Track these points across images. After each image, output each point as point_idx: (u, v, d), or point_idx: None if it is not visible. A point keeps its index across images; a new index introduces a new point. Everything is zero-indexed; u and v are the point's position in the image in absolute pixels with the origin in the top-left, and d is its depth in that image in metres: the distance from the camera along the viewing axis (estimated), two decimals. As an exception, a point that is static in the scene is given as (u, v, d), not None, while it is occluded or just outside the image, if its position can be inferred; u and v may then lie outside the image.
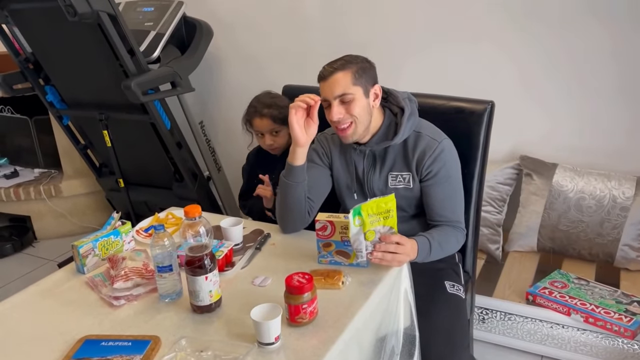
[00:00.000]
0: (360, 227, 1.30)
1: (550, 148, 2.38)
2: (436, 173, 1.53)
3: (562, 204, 2.24)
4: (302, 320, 1.15)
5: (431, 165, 1.53)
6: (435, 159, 1.53)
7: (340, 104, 1.47)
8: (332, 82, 1.46)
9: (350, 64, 1.47)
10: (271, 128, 1.94)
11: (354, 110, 1.47)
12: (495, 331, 2.08)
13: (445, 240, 1.51)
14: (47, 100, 2.67)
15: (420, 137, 1.56)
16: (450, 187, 1.56)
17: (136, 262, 1.36)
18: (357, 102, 1.48)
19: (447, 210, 1.56)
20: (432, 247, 1.46)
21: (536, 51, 2.31)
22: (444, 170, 1.54)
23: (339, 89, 1.46)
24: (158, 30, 2.59)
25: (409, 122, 1.55)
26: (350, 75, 1.46)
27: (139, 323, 1.21)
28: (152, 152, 2.65)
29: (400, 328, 1.38)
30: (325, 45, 2.71)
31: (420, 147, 1.54)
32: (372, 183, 1.59)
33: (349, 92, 1.46)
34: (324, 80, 1.48)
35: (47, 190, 3.14)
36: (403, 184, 1.57)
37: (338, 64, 1.47)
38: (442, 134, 1.58)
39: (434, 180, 1.54)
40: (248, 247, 1.51)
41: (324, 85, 1.48)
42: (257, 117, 1.94)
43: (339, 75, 1.46)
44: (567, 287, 2.04)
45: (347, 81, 1.46)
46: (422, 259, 1.44)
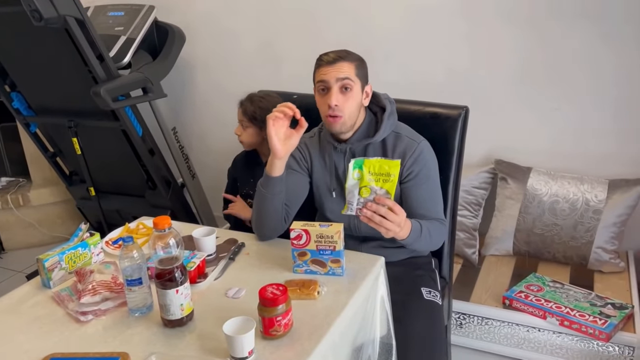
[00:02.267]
0: (357, 181, 1.32)
1: (525, 152, 2.40)
2: (417, 174, 1.53)
3: (536, 207, 2.25)
4: (277, 333, 1.12)
5: (412, 166, 1.53)
6: (415, 159, 1.53)
7: (340, 90, 1.48)
8: (338, 67, 1.47)
9: (352, 56, 1.50)
10: (240, 118, 2.00)
11: (350, 101, 1.49)
12: (472, 336, 2.08)
13: (434, 230, 1.51)
14: (13, 107, 2.59)
15: (399, 137, 1.57)
16: (430, 187, 1.56)
17: (105, 275, 1.31)
18: (354, 94, 1.50)
19: (429, 210, 1.55)
20: (422, 232, 1.45)
21: (510, 56, 2.33)
22: (425, 171, 1.54)
23: (343, 74, 1.47)
24: (129, 35, 2.54)
25: (389, 120, 1.56)
26: (354, 66, 1.49)
27: (108, 339, 1.17)
28: (123, 160, 2.59)
29: (376, 337, 1.36)
30: (298, 50, 2.69)
31: (399, 148, 1.55)
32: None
33: (352, 79, 1.48)
34: (328, 64, 1.48)
35: (15, 199, 3.05)
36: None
37: (343, 53, 1.49)
38: (420, 136, 1.59)
39: (415, 181, 1.54)
40: (221, 258, 1.47)
41: (326, 69, 1.48)
42: (239, 107, 2.01)
43: (345, 64, 1.48)
44: (542, 290, 2.05)
45: (351, 70, 1.48)
46: (411, 241, 1.43)
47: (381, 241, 1.61)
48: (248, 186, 2.03)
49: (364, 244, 1.63)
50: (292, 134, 1.47)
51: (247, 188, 2.04)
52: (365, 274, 1.36)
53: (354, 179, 1.33)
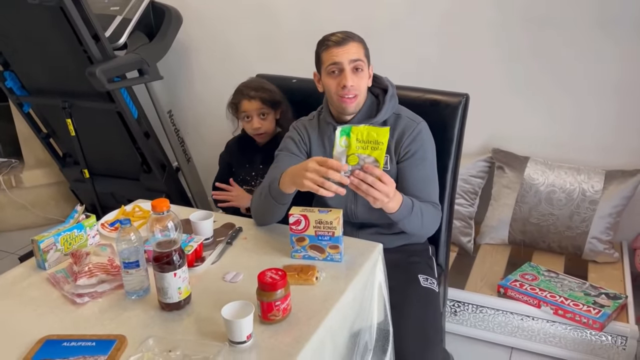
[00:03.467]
0: (345, 149, 1.28)
1: (522, 141, 2.39)
2: (413, 153, 1.53)
3: (533, 197, 2.25)
4: (275, 318, 1.12)
5: (409, 145, 1.53)
6: (413, 139, 1.53)
7: (352, 72, 1.48)
8: (349, 48, 1.47)
9: (358, 37, 1.51)
10: (260, 110, 1.89)
11: (363, 80, 1.50)
12: (466, 324, 2.09)
13: (426, 212, 1.49)
14: (6, 87, 2.55)
15: (399, 118, 1.57)
16: (425, 169, 1.55)
17: (101, 257, 1.30)
18: (365, 75, 1.51)
19: (423, 192, 1.54)
20: (413, 209, 1.43)
21: (510, 45, 2.32)
22: (421, 152, 1.54)
23: (355, 55, 1.47)
24: (124, 15, 2.50)
25: (391, 102, 1.56)
26: (362, 48, 1.50)
27: (104, 321, 1.15)
28: (118, 142, 2.56)
29: (373, 323, 1.36)
30: (297, 32, 2.66)
31: (399, 128, 1.55)
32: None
33: (363, 60, 1.49)
34: (337, 45, 1.47)
35: (7, 180, 3.01)
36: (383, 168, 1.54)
37: (349, 34, 1.49)
38: (419, 117, 1.59)
39: (410, 160, 1.53)
40: (219, 242, 1.46)
41: (337, 50, 1.47)
42: (245, 99, 1.89)
43: (354, 44, 1.48)
44: (537, 279, 2.06)
45: (362, 52, 1.50)
46: (401, 216, 1.41)
47: (378, 228, 1.61)
48: (244, 171, 2.00)
49: (360, 230, 1.62)
50: None
51: (244, 173, 2.01)
52: (363, 261, 1.36)
53: (341, 147, 1.27)
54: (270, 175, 1.57)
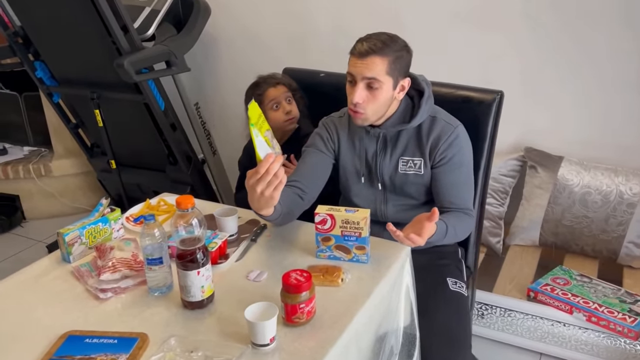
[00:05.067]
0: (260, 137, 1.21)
1: (557, 140, 2.31)
2: (450, 159, 1.47)
3: (566, 198, 2.17)
4: (299, 321, 1.09)
5: (445, 150, 1.47)
6: (450, 144, 1.47)
7: (366, 87, 1.40)
8: (367, 63, 1.37)
9: (390, 49, 1.38)
10: (286, 94, 1.87)
11: (376, 99, 1.41)
12: (494, 327, 2.03)
13: (460, 226, 1.45)
14: (36, 77, 2.57)
15: (435, 121, 1.50)
16: (462, 174, 1.50)
17: (125, 252, 1.29)
18: (383, 93, 1.41)
19: (458, 197, 1.49)
20: (447, 232, 1.39)
21: (545, 41, 2.23)
22: (458, 157, 1.48)
23: (370, 73, 1.37)
24: (153, 7, 2.49)
25: (427, 105, 1.49)
26: (386, 63, 1.37)
27: (127, 318, 1.14)
28: (145, 134, 2.57)
29: (400, 327, 1.32)
30: (327, 25, 2.62)
31: (435, 132, 1.48)
32: (382, 167, 1.53)
33: (379, 79, 1.38)
34: (358, 56, 1.38)
35: (37, 169, 3.05)
36: (413, 170, 1.51)
37: (378, 45, 1.36)
38: (456, 120, 1.52)
39: (447, 166, 1.48)
40: (243, 239, 1.44)
41: (356, 61, 1.39)
42: (270, 86, 1.87)
43: (375, 59, 1.36)
44: (569, 284, 1.99)
45: (382, 68, 1.37)
46: (434, 240, 1.36)
47: (408, 229, 1.57)
48: None
49: (387, 231, 1.57)
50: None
51: None
52: (390, 262, 1.32)
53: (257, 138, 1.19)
54: (297, 170, 1.54)
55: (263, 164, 1.16)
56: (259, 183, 1.17)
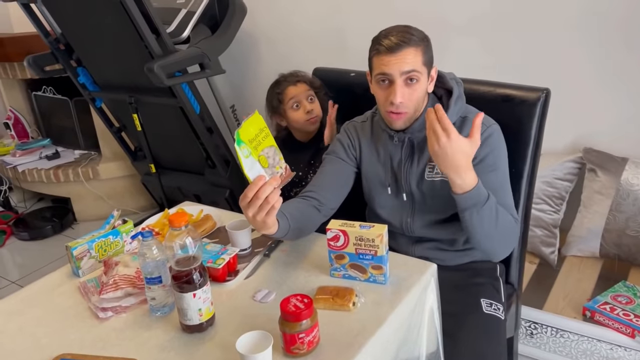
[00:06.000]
0: (251, 157, 1.08)
1: (620, 140, 2.06)
2: (482, 159, 1.30)
3: (631, 205, 1.94)
4: (299, 352, 0.99)
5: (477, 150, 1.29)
6: (482, 143, 1.28)
7: (405, 84, 1.27)
8: (403, 57, 1.25)
9: (417, 38, 1.26)
10: (307, 93, 1.78)
11: (417, 93, 1.29)
12: (544, 348, 1.84)
13: (502, 218, 1.27)
14: (79, 82, 2.61)
15: (466, 121, 1.35)
16: (497, 177, 1.33)
17: (129, 268, 1.24)
18: (421, 85, 1.29)
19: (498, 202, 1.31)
20: (489, 200, 1.22)
21: (607, 34, 1.99)
22: (491, 158, 1.31)
23: (408, 66, 1.25)
24: (189, 9, 2.46)
25: (457, 105, 1.34)
26: (420, 53, 1.27)
27: (123, 340, 1.09)
28: (183, 137, 2.55)
29: (422, 354, 1.20)
30: (364, 22, 2.49)
31: (465, 132, 1.31)
32: (409, 175, 1.39)
33: (418, 70, 1.27)
34: (390, 52, 1.25)
35: (86, 172, 3.12)
36: (440, 176, 1.35)
37: (406, 36, 1.25)
38: (490, 119, 1.35)
39: (479, 167, 1.28)
40: (256, 253, 1.35)
41: (388, 58, 1.26)
42: (290, 85, 1.80)
43: (409, 51, 1.25)
44: (632, 302, 1.77)
45: (418, 59, 1.26)
46: (470, 203, 1.21)
47: (438, 242, 1.42)
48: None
49: (417, 244, 1.44)
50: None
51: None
52: (411, 283, 1.19)
53: (247, 158, 1.07)
54: (315, 180, 1.43)
55: (251, 188, 1.06)
56: (249, 207, 1.08)
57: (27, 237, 3.08)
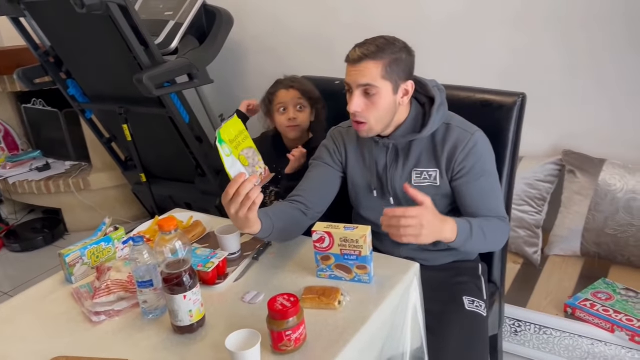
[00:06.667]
0: (232, 155, 1.15)
1: (598, 142, 2.13)
2: (470, 169, 1.36)
3: (609, 205, 2.00)
4: (287, 349, 1.03)
5: (464, 160, 1.36)
6: (468, 153, 1.36)
7: (363, 94, 1.31)
8: (359, 70, 1.29)
9: (384, 52, 1.29)
10: (297, 101, 1.81)
11: (376, 106, 1.32)
12: (529, 345, 1.89)
13: (489, 228, 1.33)
14: (69, 94, 2.64)
15: (450, 129, 1.39)
16: (487, 182, 1.38)
17: (122, 273, 1.27)
18: (382, 98, 1.31)
19: (485, 208, 1.38)
20: (473, 231, 1.27)
21: (583, 38, 2.07)
22: (479, 165, 1.37)
23: (364, 79, 1.29)
24: (177, 20, 2.50)
25: (439, 113, 1.39)
26: (381, 67, 1.29)
27: (116, 343, 1.12)
28: (173, 147, 2.58)
29: (406, 351, 1.24)
30: (349, 34, 2.53)
31: (450, 141, 1.37)
32: (394, 180, 1.44)
33: (375, 84, 1.29)
34: (351, 63, 1.31)
35: (76, 183, 3.14)
36: (429, 182, 1.41)
37: (371, 49, 1.28)
38: (473, 126, 1.41)
39: (468, 177, 1.37)
40: (245, 257, 1.39)
41: (350, 69, 1.32)
42: (283, 88, 1.83)
43: (368, 64, 1.28)
44: (612, 299, 1.82)
45: (376, 73, 1.29)
46: (460, 242, 1.26)
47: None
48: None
49: (403, 246, 1.48)
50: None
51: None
52: (395, 282, 1.24)
53: (228, 156, 1.14)
54: (301, 185, 1.48)
55: (232, 185, 1.12)
56: (231, 204, 1.13)
57: (18, 248, 3.10)
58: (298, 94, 1.81)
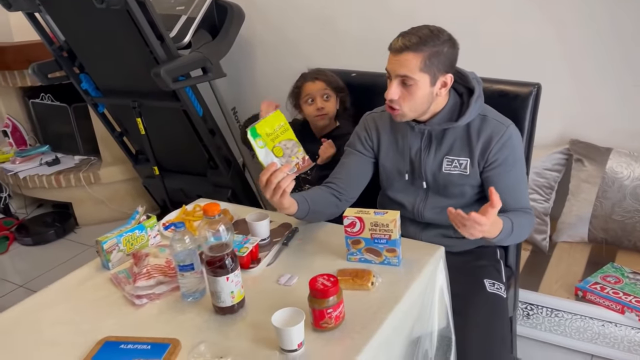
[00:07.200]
0: (265, 147, 1.28)
1: (604, 131, 2.20)
2: (503, 160, 1.41)
3: (616, 192, 2.07)
4: (327, 326, 1.08)
5: (498, 152, 1.41)
6: (503, 145, 1.41)
7: (401, 84, 1.37)
8: (399, 60, 1.34)
9: (425, 45, 1.32)
10: (323, 91, 1.89)
11: (412, 96, 1.37)
12: (540, 328, 1.96)
13: (523, 224, 1.39)
14: (82, 89, 2.67)
15: (486, 120, 1.44)
16: (516, 174, 1.44)
17: (159, 259, 1.32)
18: (419, 89, 1.36)
19: (513, 198, 1.42)
20: (513, 230, 1.33)
21: (589, 27, 2.13)
22: (512, 157, 1.42)
23: (402, 70, 1.34)
24: (189, 15, 2.53)
25: (477, 104, 1.43)
26: (420, 60, 1.32)
27: (160, 324, 1.17)
28: (185, 140, 2.62)
29: (434, 330, 1.30)
30: (360, 27, 2.59)
31: (486, 132, 1.42)
32: (426, 165, 1.49)
33: (412, 76, 1.34)
34: (392, 52, 1.36)
35: (87, 177, 3.17)
36: (459, 170, 1.46)
37: (413, 40, 1.32)
38: (507, 119, 1.46)
39: (501, 168, 1.42)
40: (275, 243, 1.44)
41: (391, 57, 1.37)
42: (309, 81, 1.92)
43: (408, 56, 1.33)
44: (620, 282, 1.89)
45: (415, 65, 1.33)
46: (499, 240, 1.32)
47: (444, 229, 1.53)
48: None
49: (425, 231, 1.54)
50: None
51: None
52: (423, 265, 1.29)
53: (261, 148, 1.27)
54: (336, 172, 1.55)
55: (264, 173, 1.26)
56: (266, 190, 1.27)
57: (30, 242, 3.13)
58: (324, 85, 1.89)
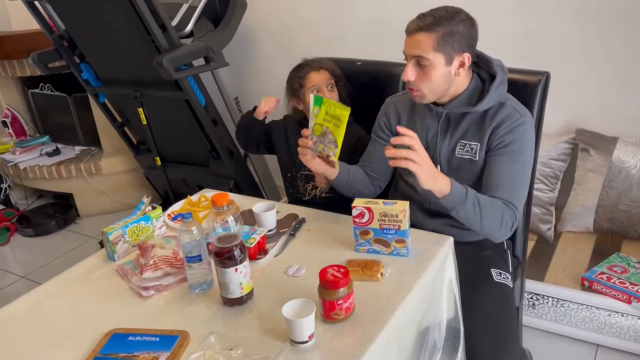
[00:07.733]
0: (314, 118, 1.33)
1: (611, 120, 2.18)
2: (507, 145, 1.38)
3: (623, 181, 2.06)
4: (338, 317, 1.07)
5: (505, 135, 1.38)
6: (511, 130, 1.38)
7: (416, 65, 1.36)
8: (413, 41, 1.34)
9: (440, 25, 1.32)
10: (328, 81, 1.82)
11: (428, 76, 1.36)
12: (546, 318, 1.96)
13: (486, 207, 1.33)
14: (82, 78, 2.64)
15: (503, 107, 1.42)
16: (517, 165, 1.39)
17: (166, 250, 1.31)
18: (434, 69, 1.35)
19: (503, 190, 1.37)
20: (467, 197, 1.31)
21: (596, 16, 2.10)
22: (517, 146, 1.38)
23: (416, 51, 1.34)
24: (191, 3, 2.50)
25: (497, 91, 1.41)
26: (433, 40, 1.32)
27: (168, 315, 1.16)
28: (187, 130, 2.60)
29: (443, 320, 1.29)
30: (363, 14, 2.56)
31: (499, 117, 1.40)
32: (441, 150, 1.47)
33: (426, 56, 1.33)
34: (407, 34, 1.37)
35: (88, 167, 3.16)
36: (469, 155, 1.44)
37: (427, 21, 1.32)
38: (527, 110, 1.43)
39: (502, 151, 1.38)
40: (282, 233, 1.43)
41: (406, 39, 1.37)
42: (313, 70, 1.83)
43: (421, 37, 1.33)
44: (627, 272, 1.89)
45: (427, 45, 1.32)
46: (453, 202, 1.31)
47: (451, 220, 1.50)
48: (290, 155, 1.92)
49: (432, 219, 1.53)
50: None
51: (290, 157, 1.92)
52: (432, 255, 1.28)
53: (314, 114, 1.32)
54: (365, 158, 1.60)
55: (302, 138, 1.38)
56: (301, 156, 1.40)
57: (31, 233, 3.11)
58: (328, 75, 1.83)
